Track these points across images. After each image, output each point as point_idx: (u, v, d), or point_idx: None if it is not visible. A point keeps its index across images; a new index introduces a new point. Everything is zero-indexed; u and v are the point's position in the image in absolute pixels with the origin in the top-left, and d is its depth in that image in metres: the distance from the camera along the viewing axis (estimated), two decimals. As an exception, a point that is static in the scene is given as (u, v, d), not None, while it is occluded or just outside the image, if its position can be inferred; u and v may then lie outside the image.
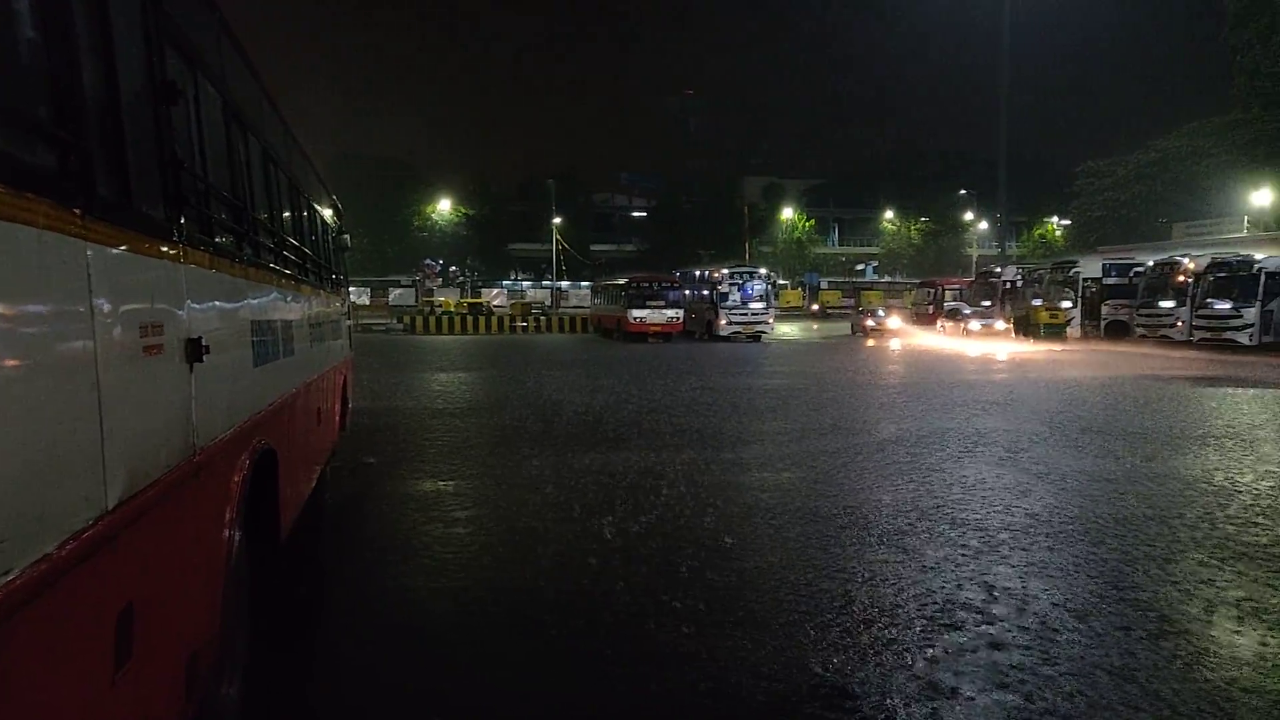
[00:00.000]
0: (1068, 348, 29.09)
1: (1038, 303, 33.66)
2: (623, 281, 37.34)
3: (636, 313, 34.71)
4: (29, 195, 1.61)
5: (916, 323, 41.31)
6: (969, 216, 78.08)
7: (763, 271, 38.03)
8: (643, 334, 34.49)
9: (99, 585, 1.88)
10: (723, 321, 34.70)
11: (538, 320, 45.93)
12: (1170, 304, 29.40)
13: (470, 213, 73.81)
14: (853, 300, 70.24)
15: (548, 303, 67.96)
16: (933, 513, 6.78)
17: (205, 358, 2.71)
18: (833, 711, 3.54)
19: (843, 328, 44.12)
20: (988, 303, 37.61)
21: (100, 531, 1.85)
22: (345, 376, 8.55)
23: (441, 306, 51.80)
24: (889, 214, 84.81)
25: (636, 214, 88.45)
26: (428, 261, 66.73)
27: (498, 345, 32.67)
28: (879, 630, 4.39)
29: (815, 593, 4.96)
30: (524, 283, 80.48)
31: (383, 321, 46.74)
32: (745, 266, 40.66)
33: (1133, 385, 16.72)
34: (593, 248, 78.78)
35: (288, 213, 5.47)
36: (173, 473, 2.40)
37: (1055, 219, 78.14)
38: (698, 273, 40.23)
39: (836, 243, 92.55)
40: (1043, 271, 36.67)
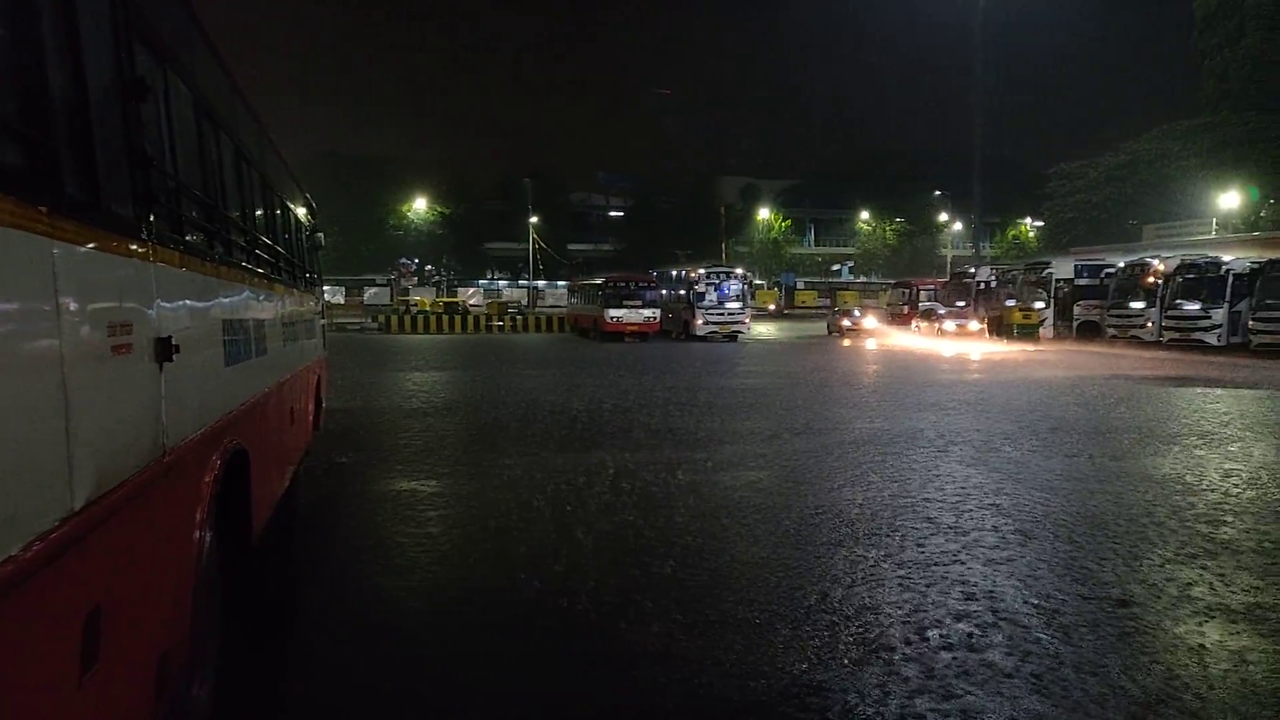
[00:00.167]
0: (1041, 348, 29.37)
1: (1011, 303, 33.97)
2: (599, 281, 37.30)
3: (613, 312, 34.70)
4: None
5: (892, 323, 41.58)
6: (944, 217, 78.66)
7: (739, 272, 38.11)
8: (619, 334, 34.49)
9: (66, 587, 1.86)
10: (699, 321, 34.74)
11: (514, 320, 45.79)
12: (1140, 305, 29.77)
13: (446, 211, 73.47)
14: (829, 300, 70.60)
15: (524, 302, 67.81)
16: (906, 512, 6.83)
17: (175, 357, 2.68)
18: (805, 712, 3.56)
19: (819, 327, 44.31)
20: (962, 303, 37.93)
21: (67, 533, 1.83)
22: (319, 376, 8.50)
23: (417, 306, 51.55)
24: (864, 215, 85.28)
25: (613, 213, 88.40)
26: (403, 260, 66.42)
27: (473, 345, 32.55)
28: (851, 630, 4.41)
29: (787, 592, 4.98)
30: (500, 282, 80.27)
31: (357, 321, 46.49)
32: (722, 266, 40.75)
33: (1104, 385, 16.91)
34: (570, 247, 78.66)
35: (260, 211, 5.43)
36: (142, 473, 2.38)
37: (1028, 220, 78.86)
38: (674, 272, 40.24)
39: (812, 243, 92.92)
40: (1016, 272, 36.99)
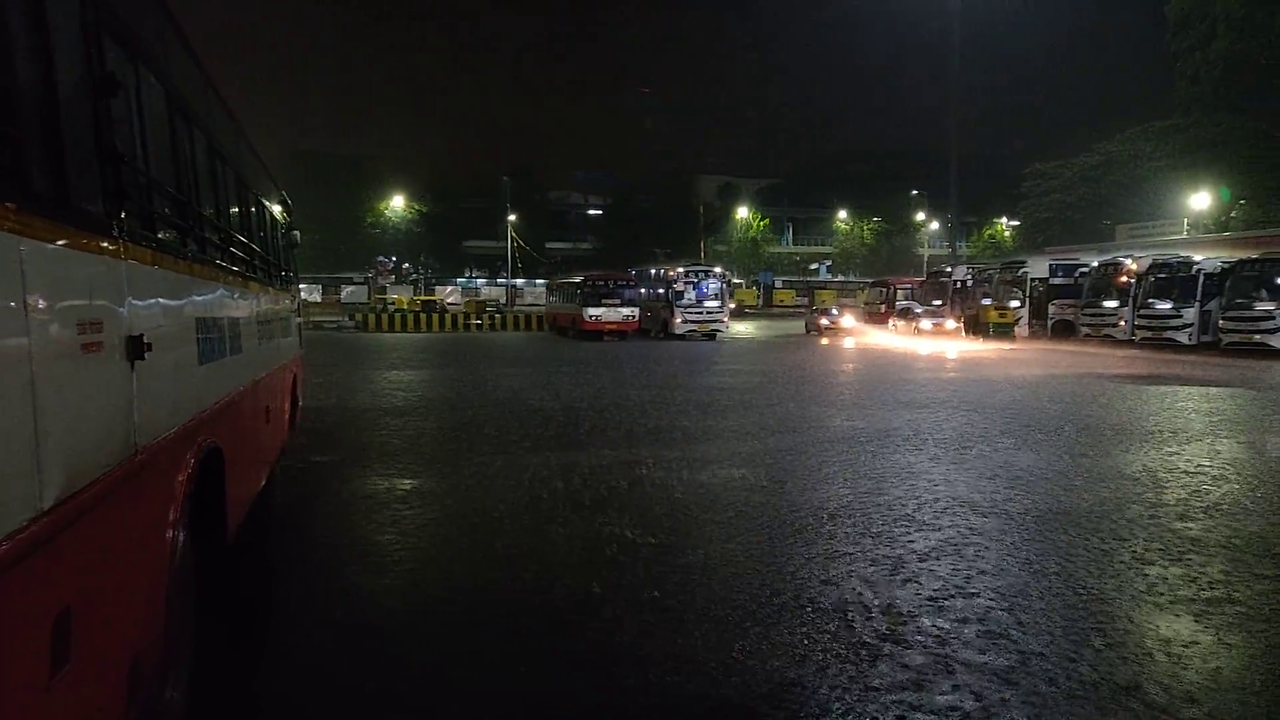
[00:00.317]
0: (1016, 346, 29.61)
1: (987, 302, 34.22)
2: (578, 279, 37.23)
3: (592, 311, 34.67)
4: None
5: (869, 321, 41.76)
6: (920, 217, 79.19)
7: (718, 270, 38.15)
8: (598, 332, 34.46)
9: (35, 588, 1.84)
10: (678, 320, 34.77)
11: (492, 318, 45.66)
12: (1114, 304, 30.09)
13: (424, 209, 73.16)
14: (807, 299, 70.87)
15: (503, 300, 67.62)
16: (881, 509, 6.87)
17: (147, 355, 2.66)
18: (779, 710, 3.58)
19: (797, 326, 44.47)
20: (939, 302, 38.15)
21: (36, 533, 1.81)
22: (295, 375, 8.45)
23: (394, 304, 51.30)
24: (842, 214, 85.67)
25: (592, 212, 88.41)
26: (380, 258, 66.04)
27: (451, 343, 32.43)
28: (826, 627, 4.43)
29: (762, 590, 5.00)
30: (479, 280, 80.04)
31: (335, 319, 46.22)
32: (700, 265, 40.78)
33: (1077, 383, 17.08)
34: (548, 245, 78.57)
35: (235, 208, 5.39)
36: (113, 472, 2.36)
37: (1004, 220, 79.47)
38: (653, 271, 40.25)
39: (790, 242, 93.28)
40: (992, 271, 37.26)
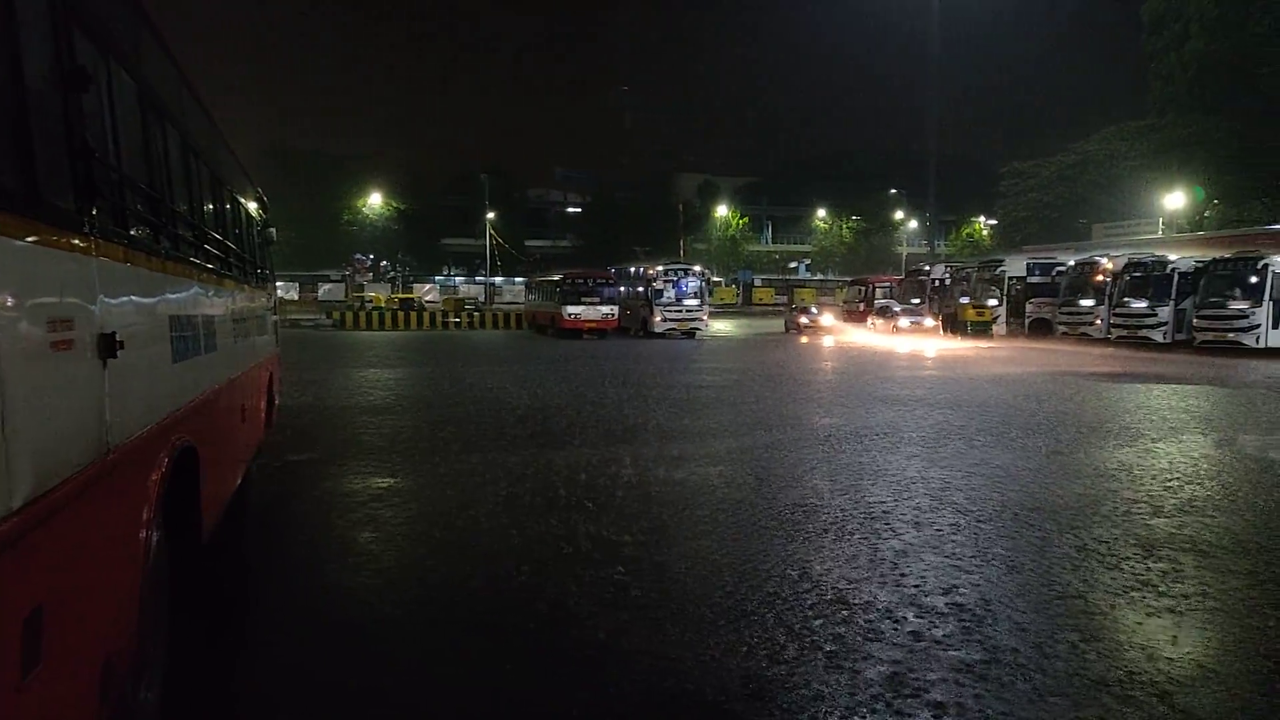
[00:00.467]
0: (993, 345, 29.83)
1: (965, 301, 34.43)
2: (558, 277, 37.17)
3: (571, 309, 34.62)
4: None
5: (848, 320, 41.95)
6: (899, 215, 79.63)
7: (697, 269, 38.18)
8: (578, 330, 34.43)
9: (6, 588, 1.82)
10: (658, 318, 34.79)
11: (471, 316, 45.52)
12: (1090, 302, 30.35)
13: (402, 207, 72.81)
14: (786, 298, 71.09)
15: (481, 299, 67.41)
16: (859, 506, 6.90)
17: (119, 354, 2.63)
18: (757, 707, 3.59)
19: (776, 324, 44.59)
20: (917, 300, 38.40)
21: (5, 532, 1.79)
22: (271, 373, 8.40)
23: (372, 302, 51.01)
24: (821, 212, 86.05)
25: (571, 210, 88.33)
26: (358, 256, 65.66)
27: (430, 341, 32.31)
28: (805, 625, 4.45)
29: (741, 588, 5.01)
30: (457, 278, 79.75)
31: (312, 317, 45.93)
32: (680, 263, 40.84)
33: (1053, 381, 17.23)
34: (527, 243, 78.39)
35: (209, 205, 5.34)
36: (85, 471, 2.33)
37: (982, 218, 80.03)
38: (633, 269, 40.24)
39: (770, 240, 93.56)
40: (970, 270, 37.49)
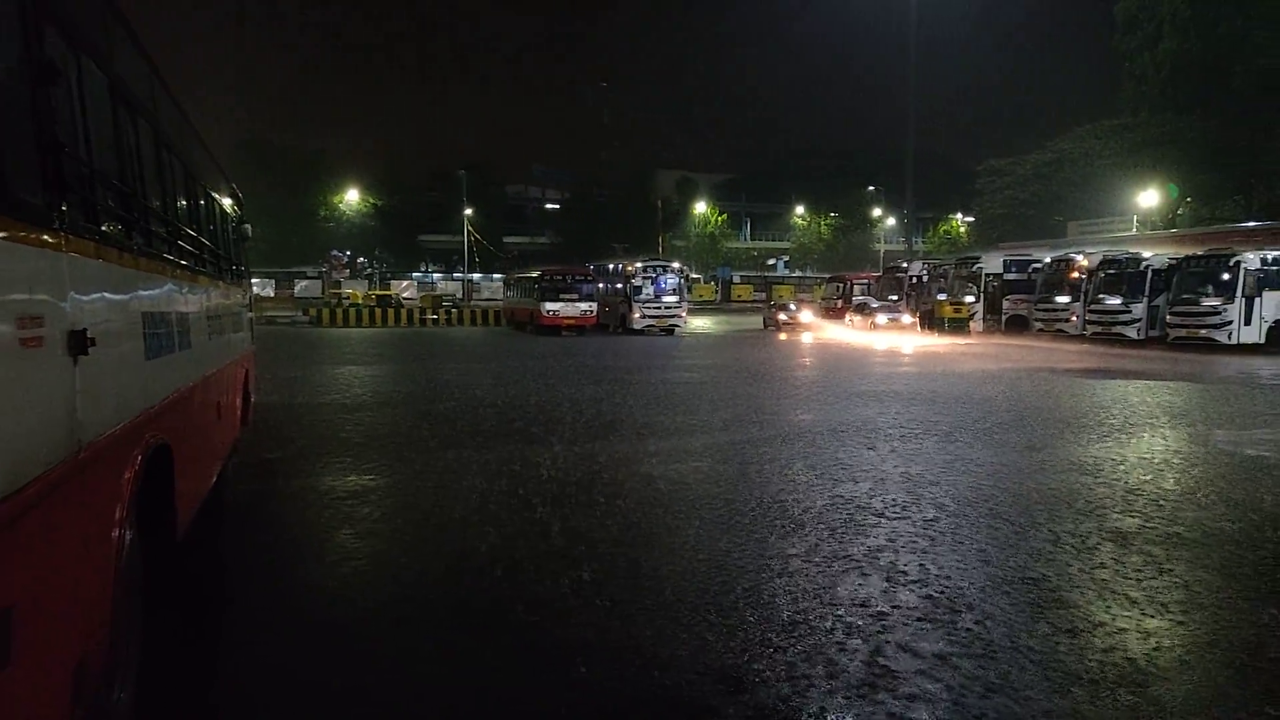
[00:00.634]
0: (970, 341, 30.04)
1: (942, 297, 34.62)
2: (536, 274, 37.04)
3: (550, 306, 34.51)
4: None
5: (826, 317, 42.05)
6: (877, 212, 80.00)
7: (676, 265, 38.17)
8: (556, 327, 34.34)
9: None
10: (636, 315, 34.76)
11: (449, 313, 45.32)
12: (1065, 299, 30.61)
13: (379, 203, 72.42)
14: (765, 294, 71.26)
15: (459, 295, 67.16)
16: (836, 501, 6.93)
17: (91, 350, 2.60)
18: (736, 700, 3.60)
19: (755, 321, 44.68)
20: (895, 297, 38.58)
21: (-27, 532, 1.77)
22: (247, 370, 8.33)
23: (349, 298, 50.62)
24: (800, 209, 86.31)
25: (550, 206, 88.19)
26: (335, 253, 65.23)
27: (407, 338, 32.15)
28: (782, 620, 4.47)
29: (719, 584, 5.02)
30: (435, 275, 79.43)
31: (288, 314, 45.62)
32: (658, 260, 40.82)
33: (1030, 378, 17.37)
34: (505, 240, 78.21)
35: (182, 201, 5.29)
36: (55, 470, 2.30)
37: (959, 216, 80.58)
38: (611, 266, 40.20)
39: (748, 237, 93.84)
40: (947, 267, 37.69)
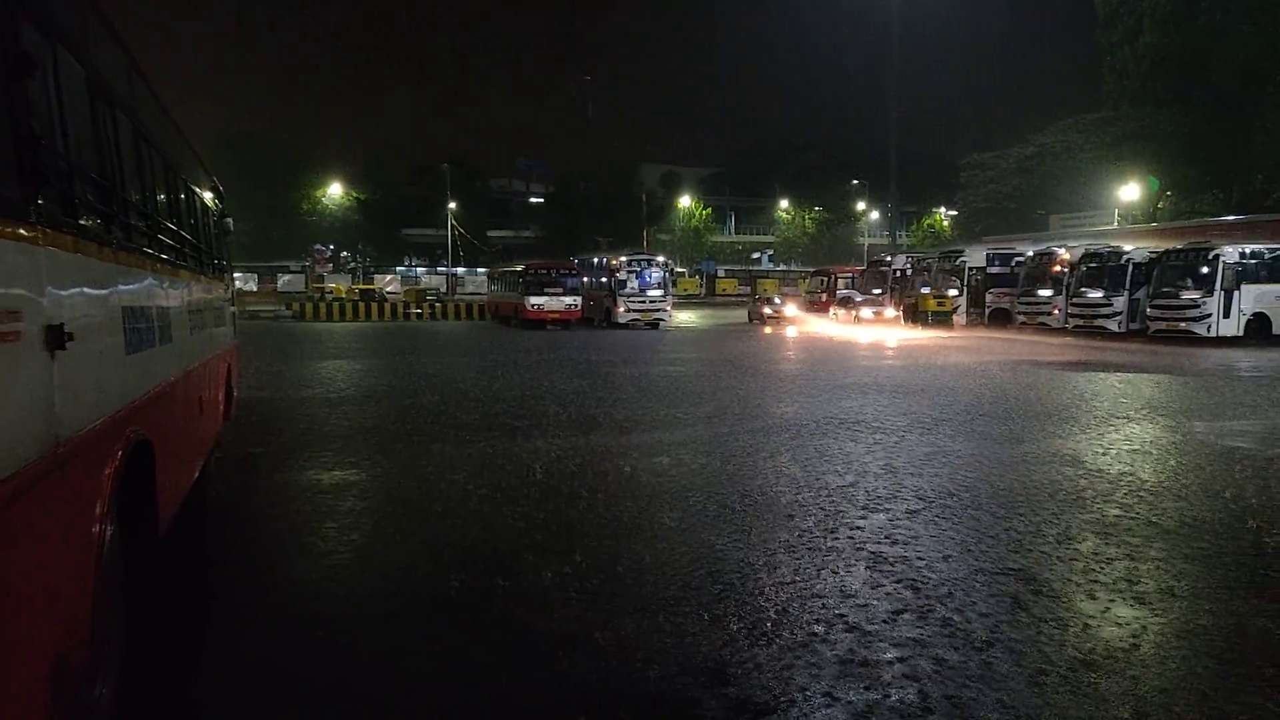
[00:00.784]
0: (954, 334, 30.17)
1: (926, 291, 34.76)
2: (520, 268, 36.96)
3: (534, 300, 34.45)
4: None
5: (810, 310, 42.15)
6: (861, 206, 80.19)
7: (661, 259, 38.17)
8: (541, 321, 34.27)
9: None
10: (621, 309, 34.74)
11: (432, 307, 45.18)
12: (1048, 293, 30.78)
13: (362, 197, 72.08)
14: (749, 288, 71.35)
15: (443, 289, 66.93)
16: (821, 494, 6.96)
17: (69, 345, 2.58)
18: (719, 691, 3.61)
19: (739, 315, 44.74)
20: (878, 290, 38.69)
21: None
22: (229, 365, 8.28)
23: (332, 293, 50.43)
24: (784, 203, 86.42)
25: (534, 200, 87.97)
26: (318, 246, 64.89)
27: (391, 333, 32.05)
28: (767, 611, 4.49)
29: (705, 576, 5.03)
30: (419, 269, 79.15)
31: (271, 308, 45.33)
32: (643, 254, 40.78)
33: (1012, 370, 17.47)
34: (490, 233, 77.97)
35: (163, 194, 5.25)
36: (33, 465, 2.29)
37: (943, 209, 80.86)
38: (596, 260, 40.14)
39: (733, 231, 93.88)
40: (931, 261, 37.81)
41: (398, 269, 76.73)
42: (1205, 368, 18.17)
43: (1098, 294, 28.42)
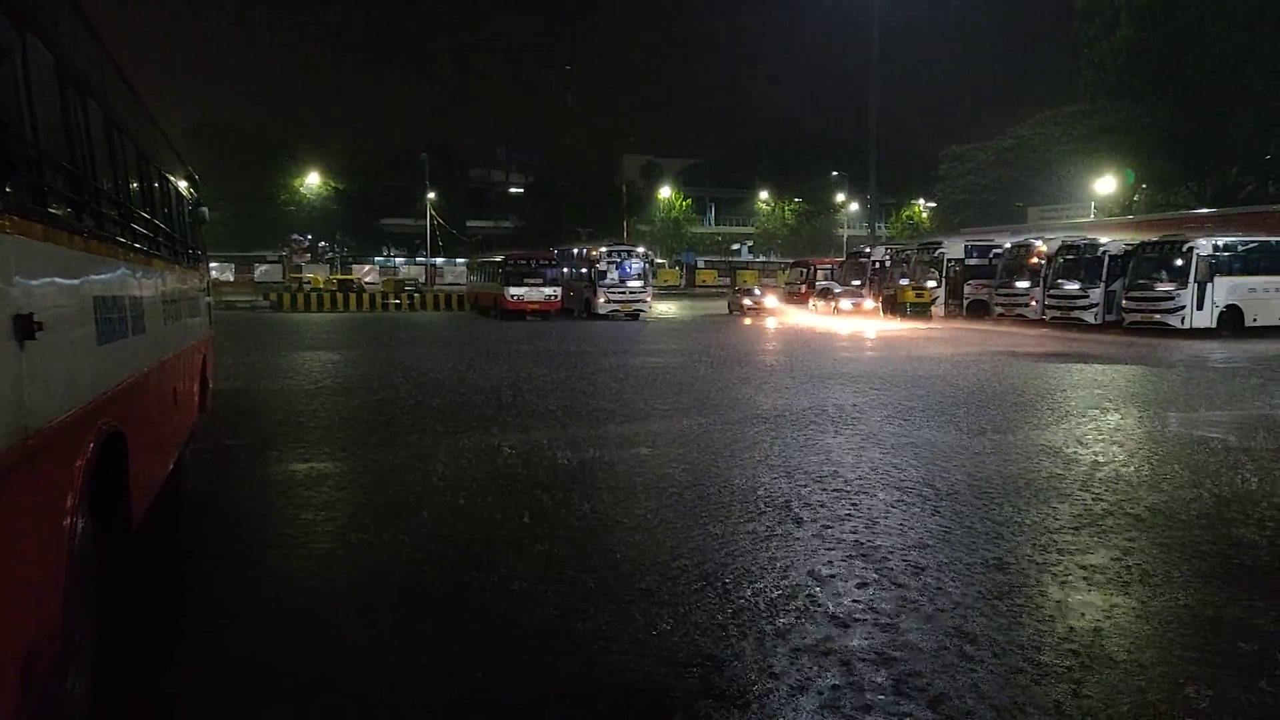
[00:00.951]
0: (932, 326, 30.32)
1: (905, 282, 34.85)
2: (500, 258, 36.80)
3: (514, 290, 34.32)
4: None
5: (789, 301, 42.20)
6: (840, 198, 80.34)
7: (641, 250, 38.09)
8: (521, 312, 34.17)
9: None
10: (601, 300, 34.68)
11: (411, 297, 44.93)
12: (1025, 284, 30.97)
13: (340, 186, 71.54)
14: (729, 279, 71.39)
15: (422, 280, 66.55)
16: (799, 485, 6.98)
17: (39, 335, 2.55)
18: (704, 682, 3.62)
19: (719, 306, 44.78)
20: (858, 282, 38.76)
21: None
22: (205, 355, 8.21)
23: (310, 283, 50.04)
24: (764, 195, 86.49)
25: (514, 190, 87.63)
26: (295, 237, 64.34)
27: (370, 323, 31.87)
28: (744, 603, 4.50)
29: (685, 568, 5.04)
30: (397, 259, 78.71)
31: (248, 298, 44.91)
32: (623, 245, 40.71)
33: (990, 362, 17.59)
34: (469, 224, 77.63)
35: (135, 183, 5.18)
36: (1, 457, 2.25)
37: (922, 201, 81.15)
38: (576, 250, 40.04)
39: (713, 222, 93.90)
40: (910, 252, 37.90)
41: (376, 259, 76.22)
42: (1179, 359, 18.37)
43: (1074, 286, 28.62)
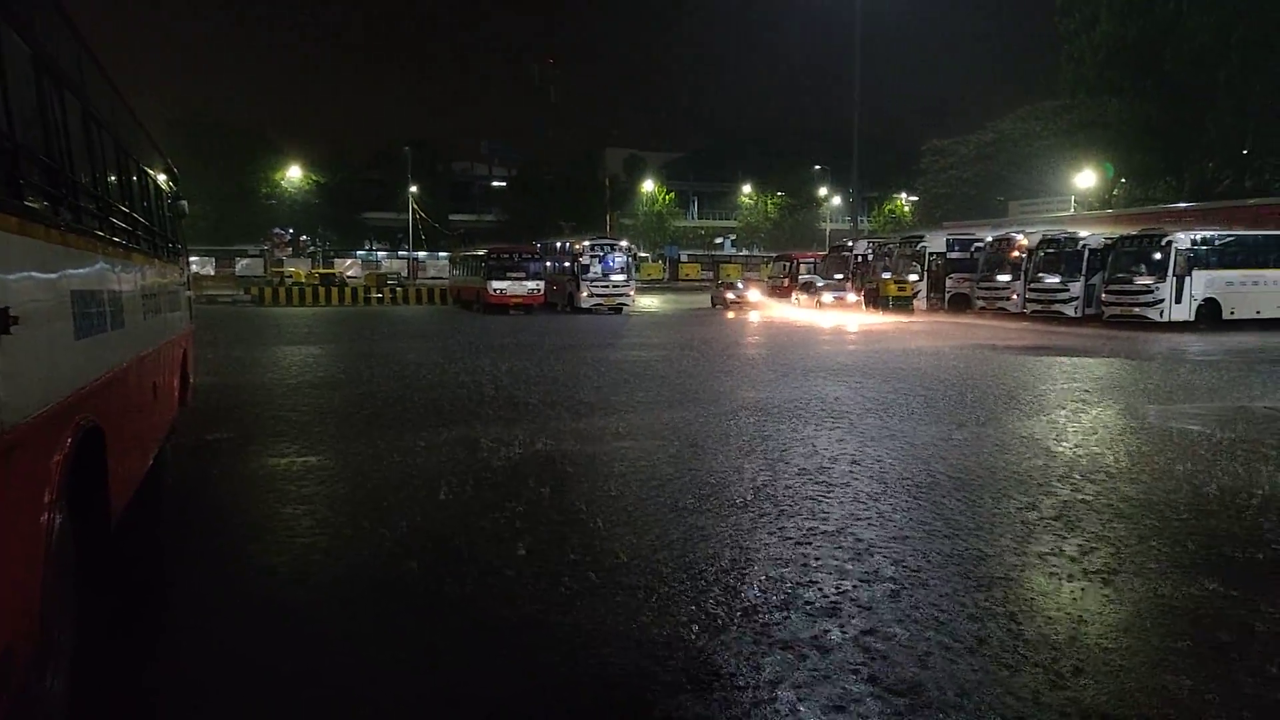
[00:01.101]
0: (914, 319, 30.44)
1: (887, 276, 34.96)
2: (483, 252, 36.70)
3: (497, 284, 34.23)
4: None
5: (773, 295, 42.26)
6: (823, 192, 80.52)
7: (624, 244, 38.05)
8: (503, 306, 34.08)
9: None
10: (584, 294, 34.63)
11: (393, 291, 44.76)
12: (1006, 278, 31.14)
13: (322, 180, 71.10)
14: (712, 273, 71.44)
15: (404, 274, 66.27)
16: (784, 479, 7.00)
17: (14, 329, 2.52)
18: (693, 678, 3.63)
19: (702, 300, 44.80)
20: (840, 276, 38.85)
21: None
22: (185, 350, 8.15)
23: (292, 277, 49.73)
24: (747, 188, 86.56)
25: (497, 184, 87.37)
26: (277, 230, 63.94)
27: (352, 317, 31.73)
28: (729, 596, 4.51)
29: (673, 563, 5.05)
30: (379, 253, 78.36)
31: (229, 293, 44.61)
32: (606, 239, 40.66)
33: (972, 355, 17.69)
34: (451, 217, 77.34)
35: (114, 176, 5.14)
36: None
37: (904, 195, 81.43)
38: (559, 244, 39.96)
39: (696, 216, 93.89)
40: (892, 246, 38.01)
41: (358, 253, 75.91)
42: (1158, 352, 18.54)
43: (1055, 279, 28.80)
